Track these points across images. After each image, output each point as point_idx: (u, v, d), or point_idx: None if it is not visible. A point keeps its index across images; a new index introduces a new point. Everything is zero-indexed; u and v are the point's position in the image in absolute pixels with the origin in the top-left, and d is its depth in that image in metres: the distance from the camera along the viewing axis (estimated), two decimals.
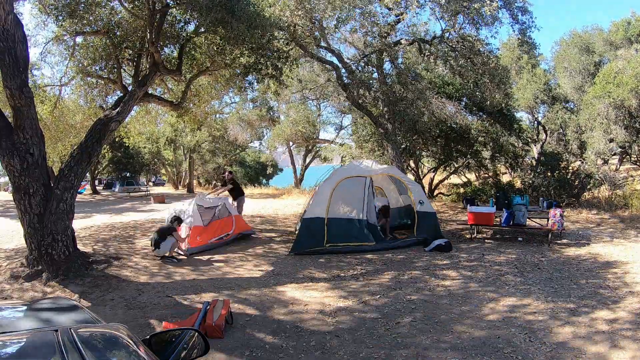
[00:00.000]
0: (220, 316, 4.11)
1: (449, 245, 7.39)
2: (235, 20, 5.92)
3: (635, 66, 11.67)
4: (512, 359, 3.40)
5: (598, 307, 4.46)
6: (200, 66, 8.02)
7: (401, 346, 3.72)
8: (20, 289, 5.44)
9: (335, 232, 7.33)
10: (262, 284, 5.74)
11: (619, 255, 6.66)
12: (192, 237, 7.74)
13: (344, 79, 10.96)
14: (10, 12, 5.15)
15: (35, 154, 5.67)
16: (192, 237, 7.74)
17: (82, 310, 1.98)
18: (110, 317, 4.44)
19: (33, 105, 5.74)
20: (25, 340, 1.44)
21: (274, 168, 37.09)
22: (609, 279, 5.45)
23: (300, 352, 3.68)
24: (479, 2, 8.46)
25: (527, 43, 9.75)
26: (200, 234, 7.87)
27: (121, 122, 7.17)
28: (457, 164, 15.58)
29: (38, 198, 5.73)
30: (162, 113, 12.12)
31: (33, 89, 6.43)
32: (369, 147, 14.66)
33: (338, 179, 7.72)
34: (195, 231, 7.84)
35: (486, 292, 5.11)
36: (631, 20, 17.29)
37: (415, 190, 8.16)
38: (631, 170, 18.20)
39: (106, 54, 7.64)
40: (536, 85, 16.69)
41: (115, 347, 1.55)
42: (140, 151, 28.61)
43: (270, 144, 26.16)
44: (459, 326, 4.09)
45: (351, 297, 5.07)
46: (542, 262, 6.38)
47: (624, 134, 12.55)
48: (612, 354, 3.41)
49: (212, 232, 8.17)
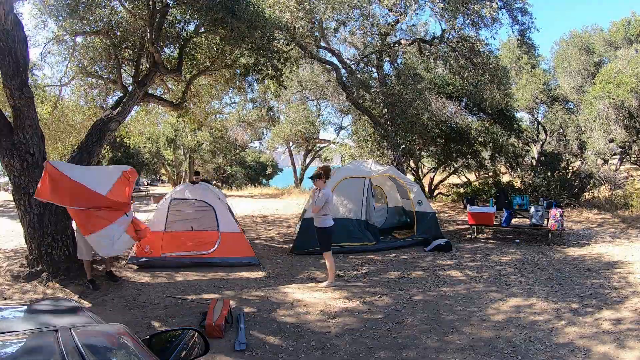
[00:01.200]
0: (221, 316, 4.11)
1: (449, 245, 7.39)
2: (236, 20, 5.92)
3: (635, 66, 11.67)
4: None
5: (602, 307, 4.46)
6: (200, 66, 8.01)
7: (403, 346, 3.72)
8: (20, 289, 5.43)
9: (335, 232, 7.31)
10: (262, 284, 5.73)
11: (622, 255, 6.65)
12: (141, 245, 6.18)
13: (343, 79, 10.96)
14: (10, 12, 5.14)
15: (35, 154, 5.67)
16: (141, 245, 6.18)
17: (82, 311, 1.97)
18: (110, 317, 4.43)
19: (33, 105, 5.73)
20: (25, 341, 1.44)
21: (273, 168, 37.09)
22: (613, 279, 5.45)
23: (300, 352, 3.68)
24: (479, 3, 8.45)
25: (527, 44, 9.74)
26: (152, 242, 6.26)
27: (121, 122, 7.16)
28: (457, 164, 15.57)
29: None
30: (162, 113, 12.12)
31: (33, 89, 6.42)
32: (369, 148, 14.65)
33: (337, 180, 7.72)
34: (148, 238, 6.05)
35: (490, 292, 5.11)
36: (631, 20, 17.28)
37: (414, 190, 8.16)
38: (631, 170, 18.20)
39: (106, 54, 7.64)
40: (536, 86, 16.69)
41: (115, 347, 1.55)
42: (140, 151, 28.62)
43: (270, 144, 26.15)
44: (464, 327, 4.08)
45: (353, 298, 5.06)
46: (545, 263, 6.38)
47: (624, 134, 12.54)
48: (619, 354, 3.40)
49: (175, 244, 6.38)
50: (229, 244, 6.47)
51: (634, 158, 17.85)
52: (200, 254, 6.41)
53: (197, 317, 4.48)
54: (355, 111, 13.49)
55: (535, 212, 7.85)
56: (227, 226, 6.60)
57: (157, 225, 6.48)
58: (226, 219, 6.66)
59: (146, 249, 6.30)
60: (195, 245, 6.45)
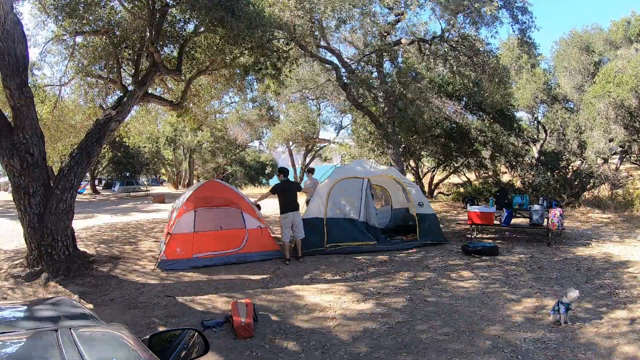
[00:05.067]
0: (249, 314, 4.11)
1: (495, 248, 7.11)
2: (235, 19, 5.91)
3: (635, 65, 11.65)
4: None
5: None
6: (200, 66, 8.01)
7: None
8: (20, 289, 5.43)
9: (334, 232, 7.31)
10: (264, 284, 5.72)
11: (629, 254, 6.64)
12: (171, 246, 6.34)
13: (343, 78, 10.95)
14: (10, 12, 5.14)
15: (35, 154, 5.67)
16: (171, 246, 6.34)
17: (82, 310, 1.97)
18: (111, 317, 4.43)
19: (33, 105, 5.74)
20: (25, 341, 1.44)
21: (273, 167, 37.10)
22: (623, 279, 5.44)
23: (300, 352, 3.68)
24: (480, 2, 8.45)
25: (527, 43, 9.74)
26: (182, 244, 6.36)
27: (121, 122, 7.16)
28: (457, 164, 15.57)
29: (38, 198, 5.73)
30: (162, 113, 12.11)
31: (33, 89, 6.43)
32: (369, 147, 14.65)
33: (335, 180, 7.71)
34: (178, 239, 6.31)
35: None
36: (631, 19, 17.27)
37: (414, 191, 8.14)
38: (632, 170, 18.19)
39: (106, 53, 7.64)
40: (536, 85, 16.67)
41: (115, 347, 1.55)
42: (140, 151, 28.61)
43: (270, 144, 26.14)
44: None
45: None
46: (555, 262, 6.35)
47: (624, 134, 12.53)
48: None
49: (205, 244, 6.47)
50: (256, 240, 6.79)
51: (634, 157, 17.84)
52: (230, 251, 6.61)
53: (197, 317, 4.48)
54: (355, 110, 13.49)
55: (535, 211, 7.84)
56: (253, 222, 6.90)
57: (187, 226, 6.51)
58: (251, 215, 6.93)
59: (177, 251, 6.34)
60: (224, 244, 6.62)
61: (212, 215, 6.74)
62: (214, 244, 6.56)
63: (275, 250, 6.91)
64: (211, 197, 6.87)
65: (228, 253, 6.60)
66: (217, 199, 6.87)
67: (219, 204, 6.84)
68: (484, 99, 11.47)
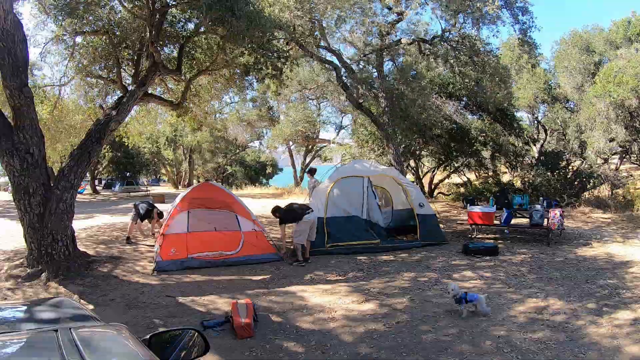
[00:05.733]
0: (249, 314, 4.11)
1: (495, 248, 7.15)
2: (235, 19, 5.91)
3: (635, 65, 11.64)
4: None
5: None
6: (200, 66, 8.01)
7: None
8: (20, 289, 5.43)
9: (335, 231, 7.29)
10: (264, 285, 5.71)
11: (631, 254, 6.63)
12: (165, 247, 6.21)
13: (343, 78, 10.95)
14: (10, 12, 5.14)
15: (35, 154, 5.67)
16: (165, 247, 6.21)
17: (82, 310, 1.97)
18: (111, 317, 4.42)
19: (33, 105, 5.73)
20: (25, 341, 1.44)
21: (273, 168, 37.10)
22: (626, 279, 5.44)
23: (300, 353, 3.67)
24: (481, 2, 8.45)
25: (528, 43, 9.74)
26: (176, 244, 6.27)
27: (121, 122, 7.16)
28: (457, 163, 15.56)
29: (38, 198, 5.72)
30: (162, 113, 12.11)
31: (33, 89, 6.42)
32: (369, 147, 14.64)
33: (335, 178, 7.70)
34: (172, 240, 6.22)
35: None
36: (631, 19, 17.25)
37: (414, 192, 8.13)
38: (632, 170, 18.19)
39: (106, 53, 7.63)
40: (536, 85, 16.65)
41: (115, 347, 1.55)
42: (140, 151, 28.61)
43: (270, 144, 26.15)
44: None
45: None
46: (556, 262, 6.35)
47: (624, 134, 12.52)
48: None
49: (200, 245, 6.35)
50: (252, 243, 6.67)
51: (634, 157, 17.83)
52: (227, 254, 6.49)
53: (197, 317, 4.47)
54: (355, 111, 13.50)
55: (535, 211, 7.83)
56: (248, 225, 6.79)
57: (180, 226, 6.44)
58: (245, 219, 6.84)
59: (171, 252, 6.25)
60: (220, 246, 6.49)
61: (205, 217, 6.67)
62: (208, 245, 6.44)
63: (272, 252, 6.77)
64: (205, 199, 6.83)
65: (224, 256, 6.47)
66: (211, 201, 6.82)
67: (213, 206, 6.77)
68: (485, 99, 11.46)
